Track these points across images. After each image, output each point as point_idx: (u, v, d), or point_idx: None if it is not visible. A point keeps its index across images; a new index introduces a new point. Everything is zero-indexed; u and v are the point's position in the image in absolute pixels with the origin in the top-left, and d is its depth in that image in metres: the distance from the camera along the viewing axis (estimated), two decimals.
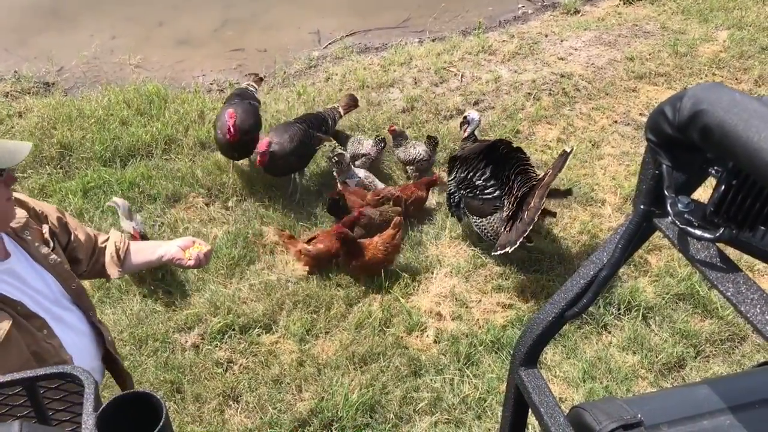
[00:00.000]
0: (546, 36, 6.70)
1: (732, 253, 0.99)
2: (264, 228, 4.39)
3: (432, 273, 4.12)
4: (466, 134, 4.50)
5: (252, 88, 4.97)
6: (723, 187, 0.85)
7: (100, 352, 2.19)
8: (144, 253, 2.40)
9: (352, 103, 5.02)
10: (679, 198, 0.89)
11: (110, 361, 2.24)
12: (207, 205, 4.57)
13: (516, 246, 3.75)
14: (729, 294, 0.86)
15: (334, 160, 4.48)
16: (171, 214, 4.47)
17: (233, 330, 3.73)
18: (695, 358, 3.63)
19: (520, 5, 7.46)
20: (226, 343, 3.69)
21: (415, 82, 5.90)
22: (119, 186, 4.59)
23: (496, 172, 4.03)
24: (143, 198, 4.56)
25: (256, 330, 3.74)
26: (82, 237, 2.25)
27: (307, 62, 6.36)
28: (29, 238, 2.01)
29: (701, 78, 6.00)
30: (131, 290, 3.95)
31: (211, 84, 6.11)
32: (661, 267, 4.11)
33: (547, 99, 5.67)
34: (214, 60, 6.46)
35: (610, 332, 3.78)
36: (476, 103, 5.57)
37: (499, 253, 3.88)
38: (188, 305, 3.88)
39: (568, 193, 4.22)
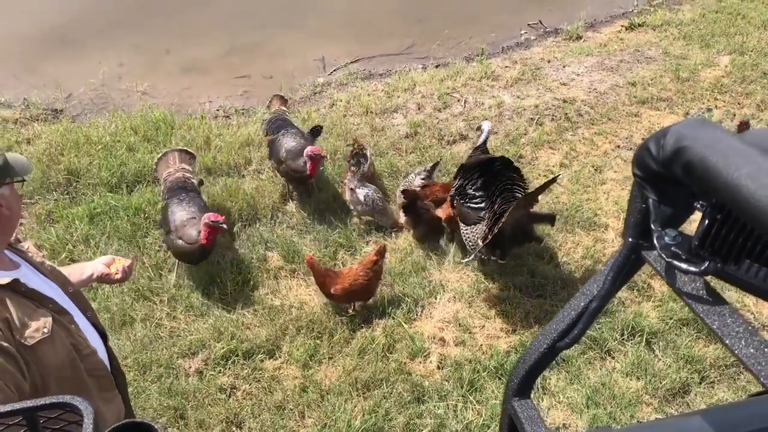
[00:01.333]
0: (548, 62, 6.76)
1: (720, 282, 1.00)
2: (268, 253, 4.41)
3: (435, 298, 4.13)
4: (479, 143, 4.66)
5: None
6: (707, 221, 0.87)
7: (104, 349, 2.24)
8: (74, 275, 2.45)
9: (284, 99, 5.45)
10: (667, 231, 0.91)
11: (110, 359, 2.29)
12: None
13: (472, 256, 4.07)
14: (715, 327, 0.87)
15: (354, 153, 4.61)
16: None
17: (236, 356, 3.74)
18: (700, 383, 3.61)
19: (522, 31, 7.54)
20: (229, 368, 3.70)
21: (419, 108, 5.95)
22: (125, 212, 4.63)
23: (487, 185, 4.10)
24: (149, 224, 4.59)
25: (260, 355, 3.75)
26: None
27: (312, 88, 6.43)
28: (23, 248, 2.10)
29: (703, 103, 6.04)
30: (136, 316, 3.97)
31: (218, 110, 6.18)
32: (664, 292, 4.10)
33: (550, 124, 5.71)
34: (220, 87, 6.54)
35: (613, 357, 3.77)
36: (479, 129, 5.60)
37: (466, 261, 4.23)
38: (192, 331, 3.89)
39: (550, 219, 4.25)
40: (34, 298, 1.90)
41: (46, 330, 1.83)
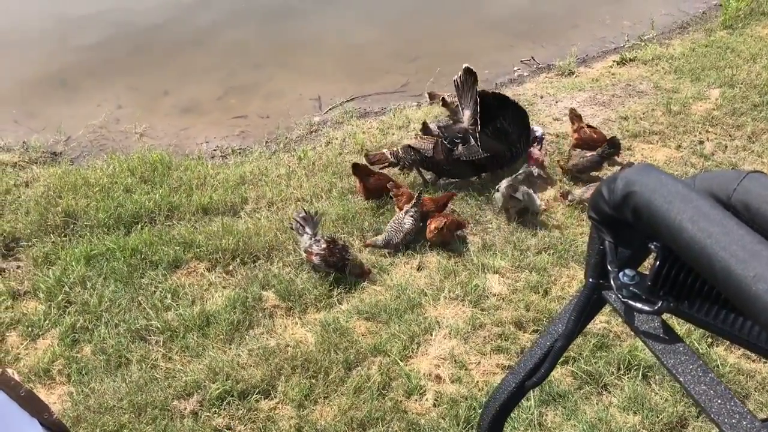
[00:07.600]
0: (541, 97, 6.86)
1: None
2: (263, 292, 4.43)
3: (431, 335, 4.13)
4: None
5: None
6: (659, 260, 0.90)
7: None
8: None
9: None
10: (626, 271, 0.94)
11: None
12: (207, 270, 4.62)
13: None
14: (669, 365, 0.89)
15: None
16: (172, 280, 4.52)
17: (232, 396, 3.73)
18: (697, 417, 3.59)
19: (515, 68, 7.66)
20: (224, 409, 3.68)
21: None
22: (122, 253, 4.66)
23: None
24: (145, 265, 4.62)
25: (255, 396, 3.73)
26: None
27: (308, 127, 6.52)
28: None
29: (695, 135, 6.10)
30: (132, 357, 3.97)
31: (215, 150, 6.26)
32: None
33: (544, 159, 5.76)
34: (217, 127, 6.64)
35: (610, 392, 3.75)
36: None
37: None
38: (188, 372, 3.88)
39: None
40: None
41: None
